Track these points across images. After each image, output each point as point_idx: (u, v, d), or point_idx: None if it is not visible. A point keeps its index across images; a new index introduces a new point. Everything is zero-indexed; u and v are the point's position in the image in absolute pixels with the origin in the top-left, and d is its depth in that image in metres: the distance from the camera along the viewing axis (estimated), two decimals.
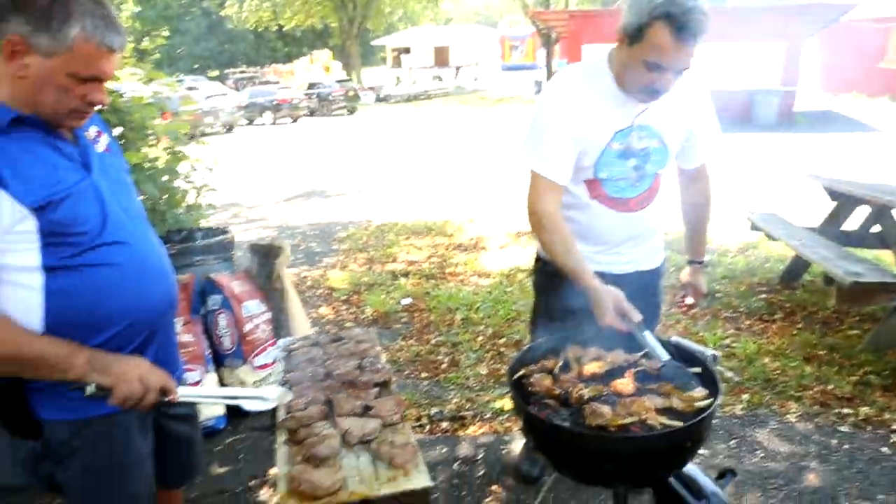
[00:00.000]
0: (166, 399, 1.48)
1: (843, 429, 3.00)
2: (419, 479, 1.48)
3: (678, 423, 1.54)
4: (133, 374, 1.42)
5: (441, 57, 46.38)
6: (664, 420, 1.56)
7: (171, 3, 44.16)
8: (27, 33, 1.29)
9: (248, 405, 1.61)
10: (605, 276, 2.15)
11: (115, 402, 1.40)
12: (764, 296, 4.64)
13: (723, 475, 2.10)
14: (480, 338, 4.22)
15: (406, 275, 5.63)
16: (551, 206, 1.98)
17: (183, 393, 1.52)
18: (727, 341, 3.94)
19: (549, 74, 27.99)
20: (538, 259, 2.38)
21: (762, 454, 2.84)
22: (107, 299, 1.44)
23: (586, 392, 1.68)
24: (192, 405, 1.92)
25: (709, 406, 1.59)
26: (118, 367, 1.42)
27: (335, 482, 1.43)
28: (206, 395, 2.03)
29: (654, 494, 1.96)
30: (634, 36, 1.76)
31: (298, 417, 1.67)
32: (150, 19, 37.54)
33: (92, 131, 1.54)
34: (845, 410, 3.13)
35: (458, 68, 40.50)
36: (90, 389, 1.37)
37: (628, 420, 1.55)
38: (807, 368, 3.53)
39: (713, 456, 2.84)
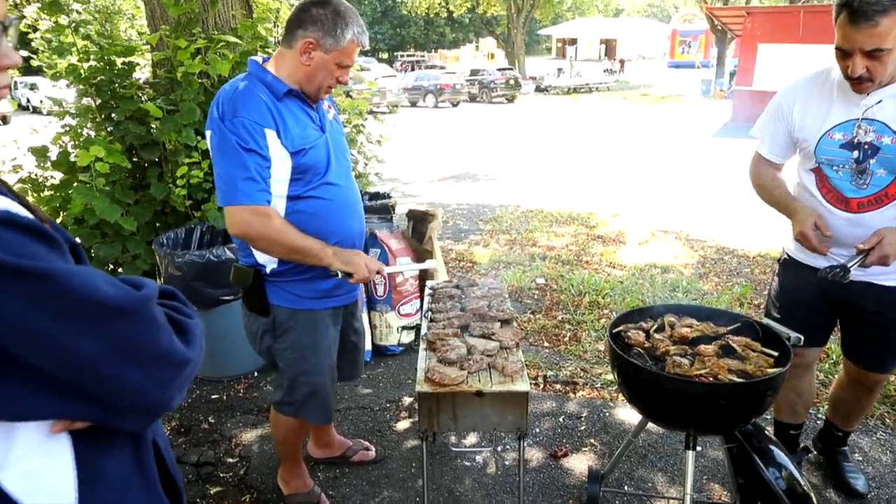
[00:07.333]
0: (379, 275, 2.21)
1: None
2: (521, 386, 1.91)
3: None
4: (362, 262, 2.07)
5: (608, 49, 45.48)
6: (734, 378, 1.86)
7: None
8: (319, 38, 1.92)
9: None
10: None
11: (355, 281, 2.06)
12: None
13: (798, 451, 2.32)
14: (603, 320, 4.50)
15: (544, 258, 6.00)
16: (763, 170, 2.38)
17: (388, 269, 2.27)
18: None
19: (720, 73, 26.57)
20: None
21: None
22: (321, 221, 2.05)
23: (672, 349, 2.01)
24: (361, 324, 2.65)
25: (777, 374, 1.86)
26: (353, 258, 2.06)
27: (459, 376, 1.91)
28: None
29: (728, 457, 2.23)
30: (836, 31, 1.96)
31: (437, 334, 2.17)
32: None
33: (325, 104, 2.15)
34: None
35: (622, 62, 39.38)
36: (340, 274, 2.04)
37: (702, 372, 1.87)
38: None
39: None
